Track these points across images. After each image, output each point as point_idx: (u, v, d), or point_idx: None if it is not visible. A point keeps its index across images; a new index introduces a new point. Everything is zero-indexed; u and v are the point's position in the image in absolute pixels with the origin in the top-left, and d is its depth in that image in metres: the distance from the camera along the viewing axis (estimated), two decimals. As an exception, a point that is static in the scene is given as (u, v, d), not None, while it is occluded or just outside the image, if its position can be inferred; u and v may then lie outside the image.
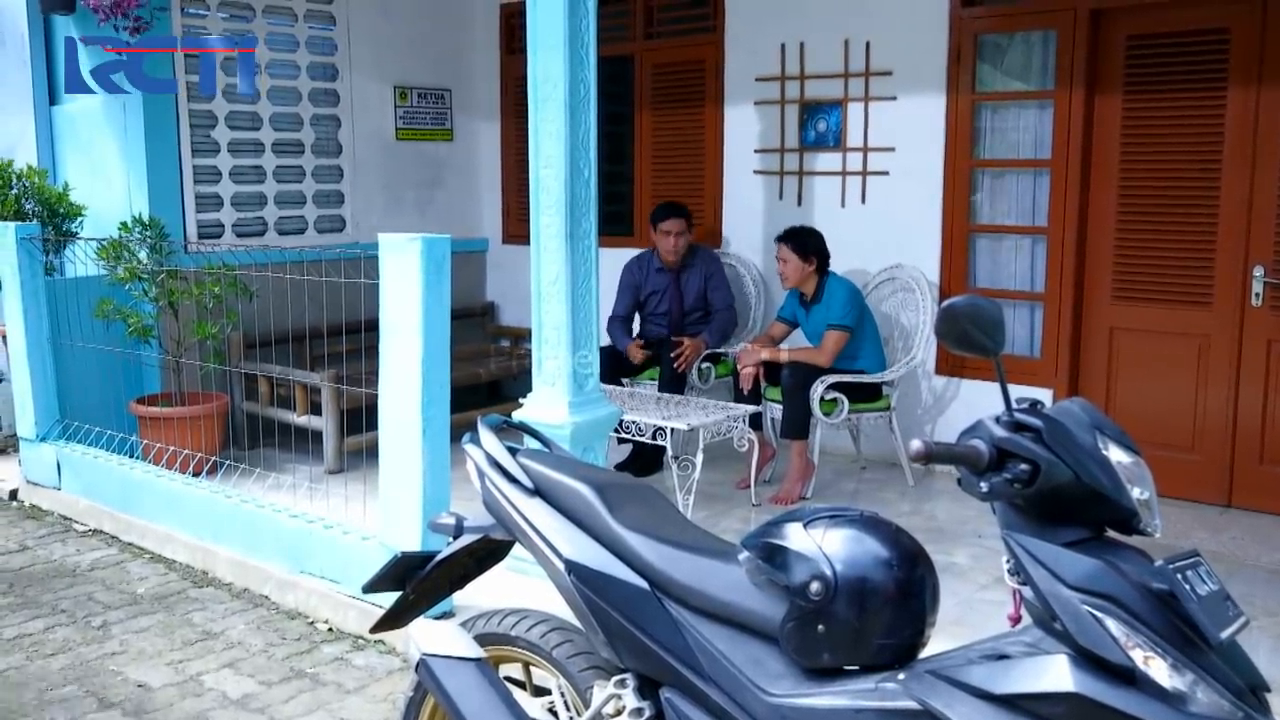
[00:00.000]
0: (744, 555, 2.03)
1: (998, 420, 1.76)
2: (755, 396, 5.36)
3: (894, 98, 5.75)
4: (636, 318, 6.16)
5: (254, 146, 6.56)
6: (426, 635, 2.34)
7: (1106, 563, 1.67)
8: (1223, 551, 4.49)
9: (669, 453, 4.79)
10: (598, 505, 2.20)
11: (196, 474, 5.18)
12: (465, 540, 2.43)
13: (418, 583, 2.47)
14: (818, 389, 5.14)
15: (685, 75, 6.63)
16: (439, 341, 3.75)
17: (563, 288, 3.98)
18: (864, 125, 5.87)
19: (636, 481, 2.46)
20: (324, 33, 6.83)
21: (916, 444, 1.74)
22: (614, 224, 6.80)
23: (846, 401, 5.20)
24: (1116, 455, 1.74)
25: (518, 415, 3.95)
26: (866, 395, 5.38)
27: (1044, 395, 5.31)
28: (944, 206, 5.66)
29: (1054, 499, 1.72)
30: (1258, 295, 4.88)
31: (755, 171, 6.32)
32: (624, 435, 4.87)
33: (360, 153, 7.02)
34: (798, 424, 5.20)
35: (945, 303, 1.80)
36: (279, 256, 5.18)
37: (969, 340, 1.79)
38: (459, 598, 3.57)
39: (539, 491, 2.30)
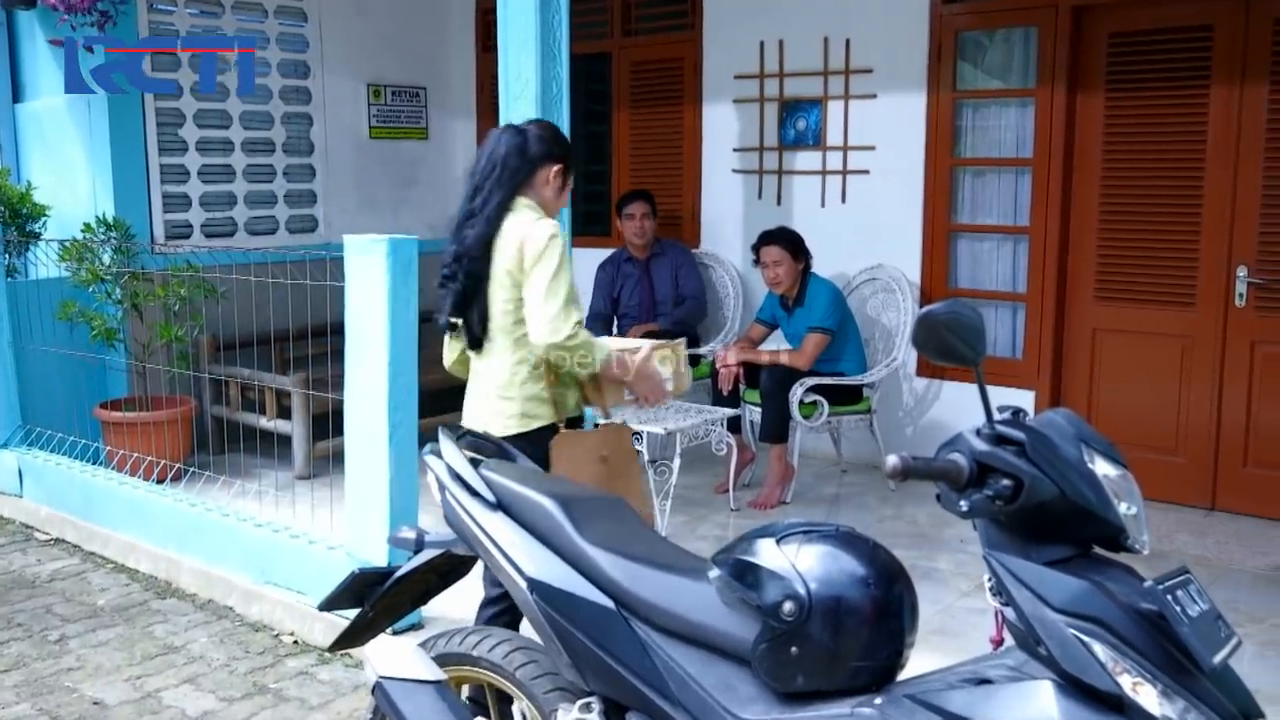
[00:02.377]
0: (714, 573, 1.95)
1: (978, 433, 1.68)
2: (734, 399, 5.27)
3: (874, 96, 5.67)
4: (615, 322, 6.07)
5: (223, 145, 6.42)
6: (383, 656, 2.23)
7: (1093, 583, 1.59)
8: (1207, 555, 4.44)
9: (645, 457, 4.70)
10: (562, 520, 2.11)
11: (161, 481, 5.06)
12: (425, 556, 2.34)
13: (377, 599, 2.37)
14: (797, 391, 5.06)
15: (663, 73, 6.53)
16: (406, 345, 3.65)
17: (535, 290, 3.87)
18: (844, 124, 5.79)
19: (605, 495, 2.36)
20: (295, 29, 6.70)
21: (893, 460, 1.64)
22: (592, 224, 6.70)
23: (826, 404, 5.12)
24: (1103, 469, 1.65)
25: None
26: (847, 397, 5.29)
27: (1026, 397, 5.25)
28: (925, 206, 5.59)
29: (1038, 516, 1.63)
30: (1241, 295, 4.82)
31: (734, 170, 6.24)
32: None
33: (333, 151, 6.89)
34: (777, 427, 5.12)
35: (923, 311, 1.70)
36: (246, 258, 5.06)
37: (949, 349, 1.71)
38: (428, 609, 3.47)
39: (502, 505, 2.21)
